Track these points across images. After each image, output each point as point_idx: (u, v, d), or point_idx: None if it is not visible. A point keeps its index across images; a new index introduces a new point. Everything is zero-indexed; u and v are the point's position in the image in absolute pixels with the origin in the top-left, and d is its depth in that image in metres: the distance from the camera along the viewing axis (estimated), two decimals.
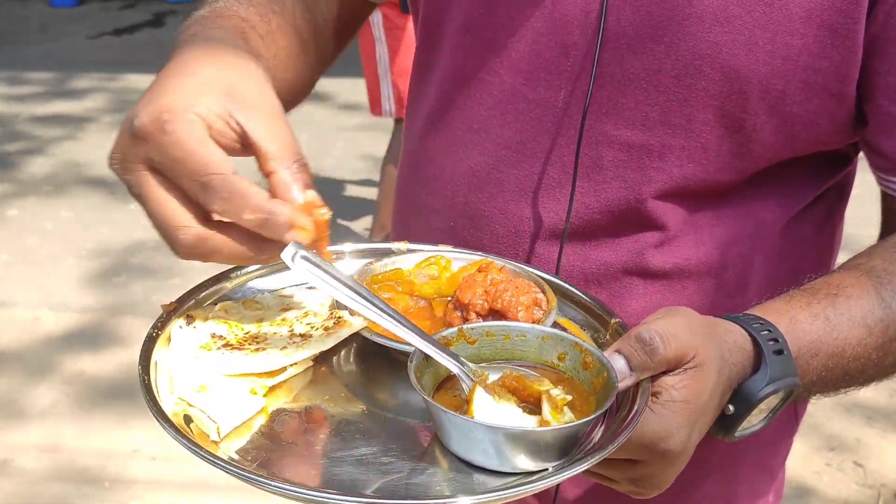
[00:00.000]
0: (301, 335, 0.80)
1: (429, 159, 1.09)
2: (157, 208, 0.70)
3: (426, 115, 1.10)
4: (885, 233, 0.98)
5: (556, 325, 0.83)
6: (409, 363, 0.70)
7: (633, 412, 0.70)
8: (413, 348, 0.71)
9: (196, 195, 0.69)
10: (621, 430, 0.68)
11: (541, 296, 0.84)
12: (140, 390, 0.73)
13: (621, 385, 0.71)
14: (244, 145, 0.71)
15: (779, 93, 0.89)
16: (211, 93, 0.70)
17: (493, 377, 0.72)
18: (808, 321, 0.84)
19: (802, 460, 3.07)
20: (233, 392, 0.74)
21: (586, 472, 0.78)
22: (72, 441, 3.15)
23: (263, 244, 0.71)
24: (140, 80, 7.88)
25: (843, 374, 0.87)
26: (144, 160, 0.70)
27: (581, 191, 0.97)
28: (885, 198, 0.97)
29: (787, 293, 0.88)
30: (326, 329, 0.81)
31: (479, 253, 0.92)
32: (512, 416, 0.68)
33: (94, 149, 6.03)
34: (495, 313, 0.82)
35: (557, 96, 0.97)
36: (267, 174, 0.71)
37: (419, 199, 1.11)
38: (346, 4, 1.14)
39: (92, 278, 4.33)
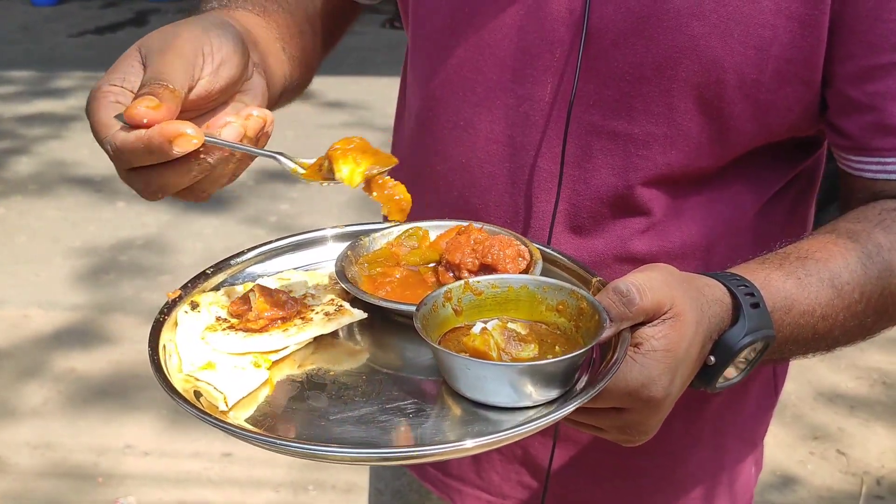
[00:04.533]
0: (302, 318, 0.85)
1: (419, 158, 1.12)
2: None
3: (414, 115, 1.13)
4: (844, 212, 1.02)
5: None
6: (415, 314, 0.76)
7: (614, 360, 0.74)
8: (416, 305, 0.77)
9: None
10: (602, 375, 0.73)
11: (523, 247, 0.89)
12: (151, 371, 0.78)
13: (602, 336, 0.75)
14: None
15: (753, 81, 0.94)
16: (130, 62, 0.82)
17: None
18: (780, 279, 0.89)
19: (787, 449, 3.13)
20: (238, 366, 0.79)
21: (578, 424, 0.84)
22: (64, 438, 3.16)
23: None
24: None
25: (813, 333, 0.92)
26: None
27: (572, 179, 1.02)
28: (845, 177, 1.02)
29: (760, 256, 0.93)
30: (327, 314, 0.85)
31: (453, 221, 0.96)
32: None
33: (80, 147, 6.02)
34: (486, 268, 0.87)
35: (544, 90, 1.01)
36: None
37: (412, 196, 1.14)
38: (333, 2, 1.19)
39: (81, 276, 4.33)
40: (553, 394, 0.73)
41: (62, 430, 3.20)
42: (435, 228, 0.96)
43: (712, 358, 0.84)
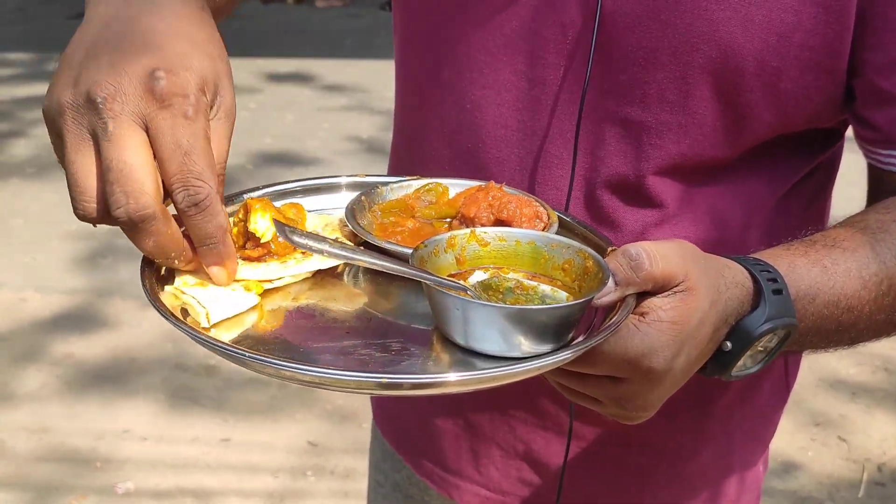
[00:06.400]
0: (302, 252, 0.83)
1: (422, 139, 1.10)
2: (130, 168, 0.66)
3: (418, 95, 1.10)
4: (871, 204, 0.99)
5: None
6: (412, 253, 0.73)
7: (611, 321, 0.71)
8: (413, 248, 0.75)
9: (170, 184, 0.67)
10: (599, 332, 0.70)
11: (541, 209, 0.87)
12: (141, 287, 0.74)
13: (606, 298, 0.73)
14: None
15: (774, 70, 0.90)
16: (205, 65, 0.70)
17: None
18: (805, 267, 0.86)
19: (788, 436, 3.12)
20: (229, 287, 0.76)
21: (575, 394, 0.81)
22: (62, 422, 3.15)
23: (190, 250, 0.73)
24: None
25: (837, 325, 0.88)
26: (143, 115, 0.67)
27: (583, 167, 0.99)
28: (872, 170, 0.99)
29: (785, 243, 0.90)
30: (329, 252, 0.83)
31: (474, 180, 0.94)
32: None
33: None
34: (500, 223, 0.84)
35: (556, 74, 0.97)
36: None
37: None
38: None
39: (78, 260, 4.31)
40: (545, 347, 0.69)
41: (60, 415, 3.19)
42: (455, 186, 0.94)
43: (728, 343, 0.81)
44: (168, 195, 0.68)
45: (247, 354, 0.65)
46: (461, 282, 0.73)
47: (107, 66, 0.68)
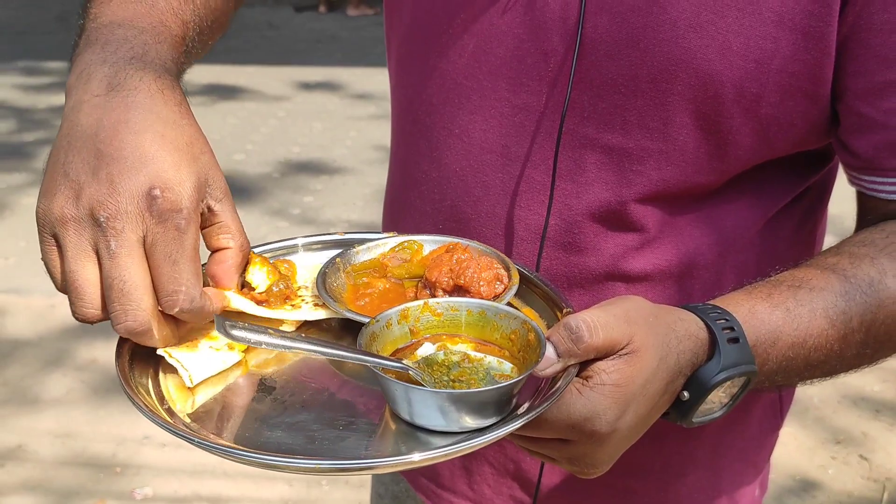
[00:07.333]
0: (292, 305, 0.87)
1: (414, 163, 1.11)
2: (130, 287, 0.73)
3: (410, 119, 1.12)
4: (859, 229, 0.99)
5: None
6: (361, 331, 0.76)
7: (552, 391, 0.74)
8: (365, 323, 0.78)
9: (159, 289, 0.74)
10: (540, 402, 0.73)
11: (503, 272, 0.88)
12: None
13: (549, 370, 0.75)
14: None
15: (753, 96, 0.91)
16: (193, 170, 0.76)
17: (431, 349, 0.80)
18: (767, 311, 0.86)
19: (808, 453, 3.08)
20: (213, 348, 0.81)
21: (532, 452, 0.83)
22: (84, 427, 3.21)
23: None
24: None
25: (805, 364, 0.89)
26: (142, 230, 0.73)
27: (565, 192, 0.99)
28: (859, 195, 0.99)
29: (749, 285, 0.91)
30: (316, 305, 0.87)
31: (450, 237, 0.95)
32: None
33: None
34: (459, 289, 0.86)
35: (539, 101, 0.99)
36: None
37: (408, 202, 1.13)
38: None
39: None
40: (488, 421, 0.72)
41: (83, 420, 3.24)
42: (431, 243, 0.95)
43: (686, 393, 0.83)
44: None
45: (208, 443, 0.71)
46: (403, 361, 0.76)
47: (107, 183, 0.72)
